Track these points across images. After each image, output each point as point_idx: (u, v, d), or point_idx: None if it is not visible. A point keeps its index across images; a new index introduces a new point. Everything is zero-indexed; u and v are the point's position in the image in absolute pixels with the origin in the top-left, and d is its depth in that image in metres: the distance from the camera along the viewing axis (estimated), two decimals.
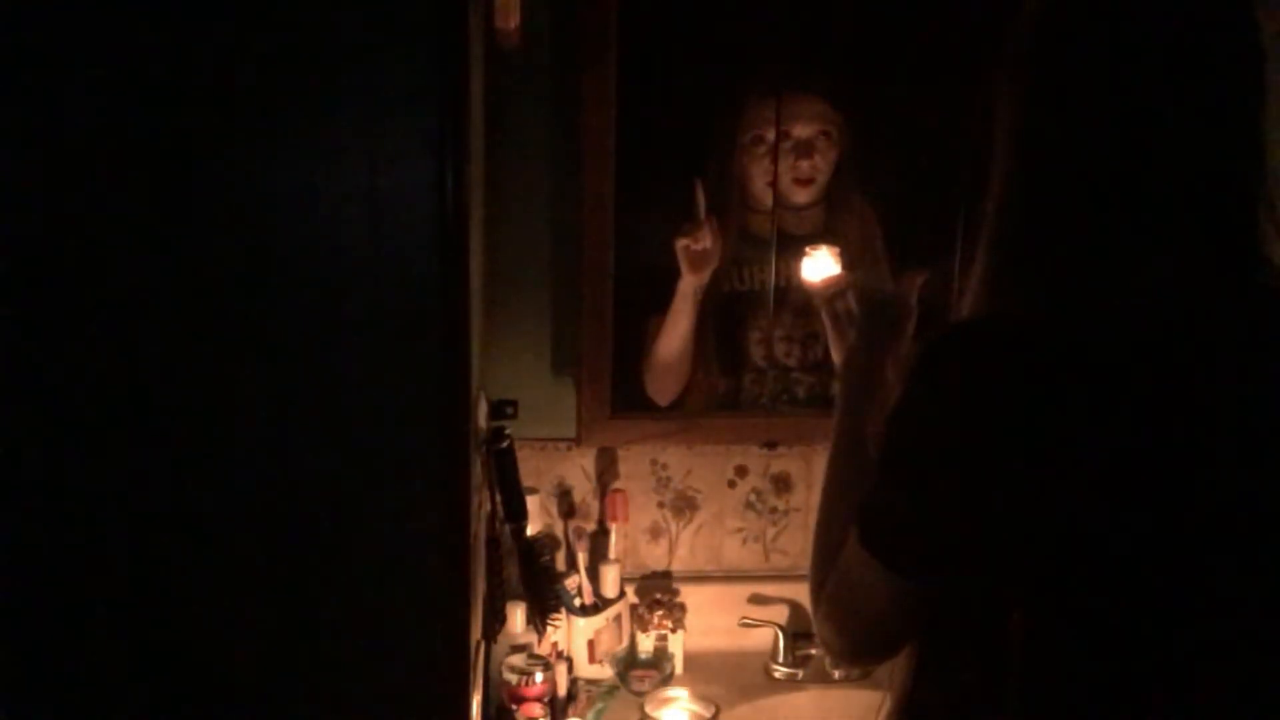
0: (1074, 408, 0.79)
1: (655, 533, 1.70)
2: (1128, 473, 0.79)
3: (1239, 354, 0.82)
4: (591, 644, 1.59)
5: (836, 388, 1.13)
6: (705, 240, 1.55)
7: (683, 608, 1.65)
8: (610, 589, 1.62)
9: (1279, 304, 0.83)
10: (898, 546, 0.86)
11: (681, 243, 1.56)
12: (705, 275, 1.58)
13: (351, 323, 0.91)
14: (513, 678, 1.48)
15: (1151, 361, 0.80)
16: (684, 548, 1.71)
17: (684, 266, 1.57)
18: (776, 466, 1.70)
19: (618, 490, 1.66)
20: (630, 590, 1.66)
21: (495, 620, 1.41)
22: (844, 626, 0.94)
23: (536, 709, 1.47)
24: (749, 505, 1.71)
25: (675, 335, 1.60)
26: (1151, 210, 0.81)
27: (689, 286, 1.57)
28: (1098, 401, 0.79)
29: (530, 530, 1.44)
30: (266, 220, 0.89)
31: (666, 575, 1.71)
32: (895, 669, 0.95)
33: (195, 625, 0.94)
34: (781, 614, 1.68)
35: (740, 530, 1.72)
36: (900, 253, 1.60)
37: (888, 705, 0.96)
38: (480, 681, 1.38)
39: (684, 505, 1.70)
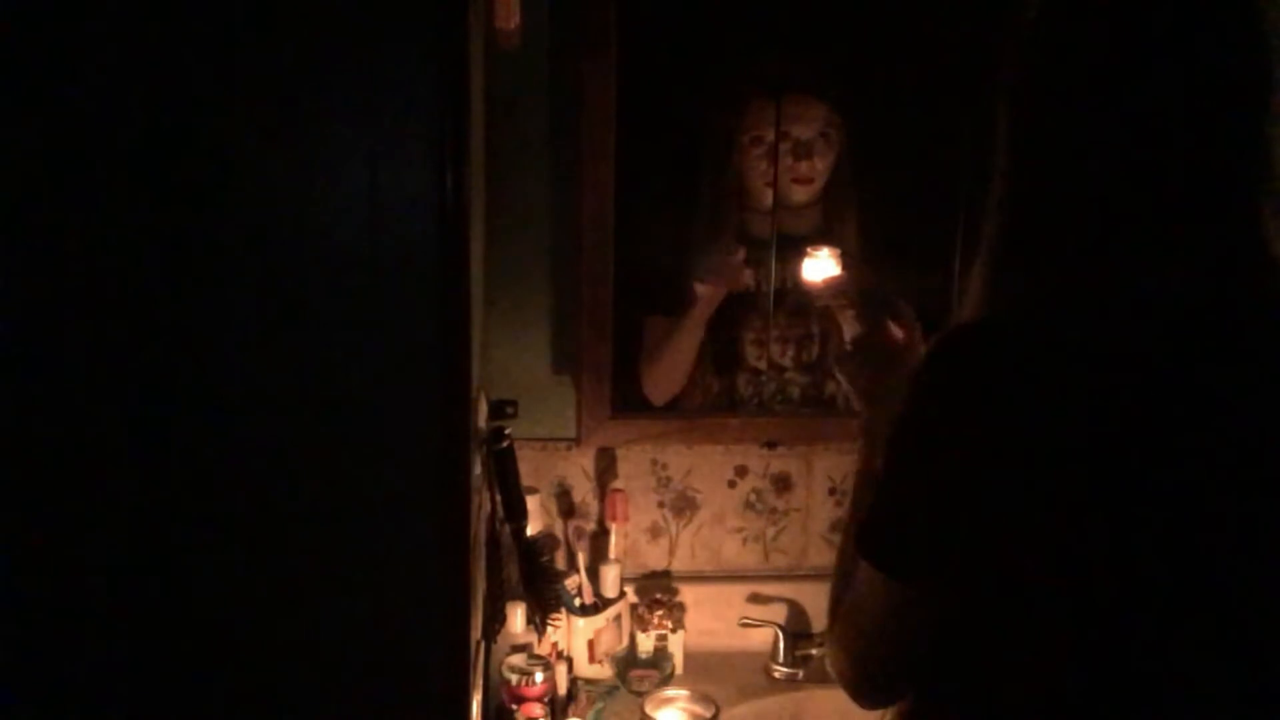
0: (1072, 411, 0.79)
1: (655, 533, 1.70)
2: (1128, 476, 0.79)
3: (1241, 356, 0.82)
4: (591, 644, 1.59)
5: (859, 441, 1.12)
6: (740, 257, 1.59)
7: (683, 608, 1.65)
8: (610, 589, 1.62)
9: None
10: (893, 549, 0.86)
11: (735, 259, 1.58)
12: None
13: (351, 322, 0.91)
14: (513, 678, 1.48)
15: (1151, 364, 0.80)
16: (684, 548, 1.71)
17: (716, 280, 1.59)
18: (776, 466, 1.70)
19: (618, 490, 1.66)
20: (630, 590, 1.66)
21: (495, 620, 1.41)
22: (851, 648, 0.92)
23: (536, 709, 1.47)
24: (749, 505, 1.71)
25: (687, 345, 1.62)
26: (1152, 213, 0.81)
27: (715, 299, 1.60)
28: (1096, 405, 0.79)
29: (530, 530, 1.44)
30: (266, 220, 0.89)
31: (666, 575, 1.71)
32: None
33: (194, 626, 0.95)
34: (781, 614, 1.68)
35: (740, 530, 1.72)
36: (899, 255, 1.60)
37: (889, 716, 0.95)
38: (480, 681, 1.38)
39: (684, 505, 1.70)
